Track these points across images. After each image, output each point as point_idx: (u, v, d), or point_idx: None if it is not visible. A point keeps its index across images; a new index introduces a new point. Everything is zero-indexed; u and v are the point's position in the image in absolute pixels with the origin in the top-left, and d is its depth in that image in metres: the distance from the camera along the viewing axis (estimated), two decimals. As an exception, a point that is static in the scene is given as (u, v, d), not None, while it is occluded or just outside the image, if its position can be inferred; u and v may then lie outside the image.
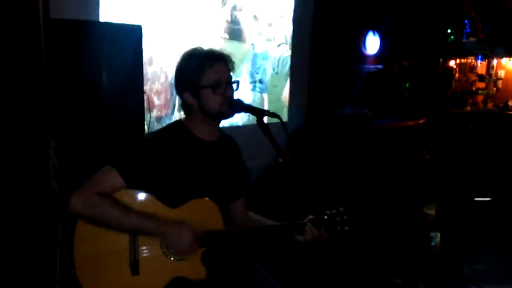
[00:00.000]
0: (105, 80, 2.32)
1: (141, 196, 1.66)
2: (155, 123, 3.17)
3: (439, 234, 3.35)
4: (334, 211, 1.76)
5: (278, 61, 4.52)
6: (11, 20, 2.27)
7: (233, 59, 1.77)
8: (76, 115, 2.32)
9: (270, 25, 4.41)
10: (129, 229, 1.59)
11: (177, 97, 1.85)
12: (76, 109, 2.31)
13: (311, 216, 1.76)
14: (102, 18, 2.72)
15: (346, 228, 1.75)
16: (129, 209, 1.59)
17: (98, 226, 1.58)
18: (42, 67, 2.37)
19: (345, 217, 1.75)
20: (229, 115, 1.74)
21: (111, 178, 1.60)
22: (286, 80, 4.64)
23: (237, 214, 1.93)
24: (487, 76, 7.21)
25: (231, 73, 1.75)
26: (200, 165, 1.75)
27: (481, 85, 7.24)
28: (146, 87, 2.88)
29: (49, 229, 2.44)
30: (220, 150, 1.83)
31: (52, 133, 2.40)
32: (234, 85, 1.75)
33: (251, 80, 4.28)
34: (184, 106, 1.78)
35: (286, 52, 4.57)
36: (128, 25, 2.48)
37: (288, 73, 4.60)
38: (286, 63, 4.58)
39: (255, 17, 4.26)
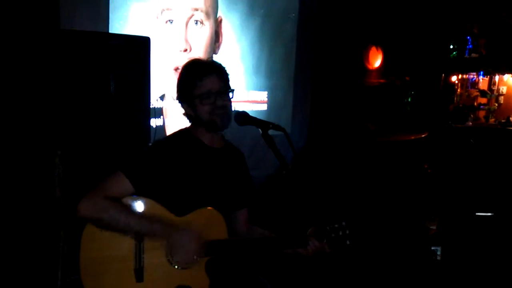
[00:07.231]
0: (112, 90, 2.34)
1: (148, 204, 1.67)
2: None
3: (440, 248, 3.35)
4: (336, 225, 1.77)
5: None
6: (21, 31, 2.31)
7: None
8: (83, 124, 2.34)
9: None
10: (137, 232, 1.60)
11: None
12: (83, 118, 2.33)
13: (312, 230, 1.77)
14: (111, 30, 2.76)
15: (348, 242, 1.76)
16: (138, 212, 1.62)
17: (106, 229, 1.59)
18: (51, 77, 2.40)
19: (347, 231, 1.76)
20: (223, 126, 1.75)
21: (120, 183, 1.62)
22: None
23: (240, 225, 1.93)
24: (489, 92, 7.24)
25: (226, 84, 1.76)
26: (206, 170, 1.77)
27: (483, 100, 7.27)
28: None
29: (51, 237, 2.45)
30: (225, 157, 1.85)
31: (59, 143, 2.42)
32: (230, 95, 1.76)
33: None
34: (186, 115, 1.82)
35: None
36: (136, 36, 2.51)
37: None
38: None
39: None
